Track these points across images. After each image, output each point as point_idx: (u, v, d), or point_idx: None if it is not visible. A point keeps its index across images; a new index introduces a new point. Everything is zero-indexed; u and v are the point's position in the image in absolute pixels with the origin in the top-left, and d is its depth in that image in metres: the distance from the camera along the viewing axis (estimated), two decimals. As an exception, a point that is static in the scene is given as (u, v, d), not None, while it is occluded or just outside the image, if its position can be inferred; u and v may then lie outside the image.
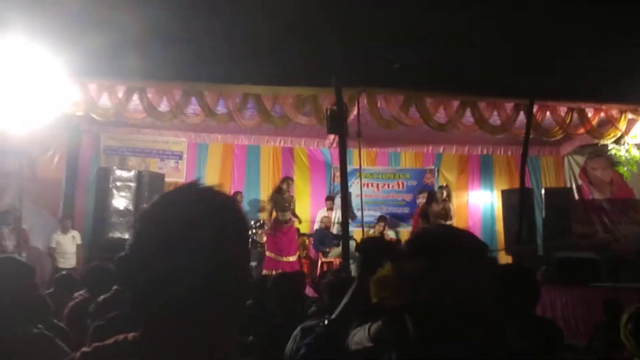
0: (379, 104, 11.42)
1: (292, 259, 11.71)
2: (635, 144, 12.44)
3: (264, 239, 12.38)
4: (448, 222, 12.64)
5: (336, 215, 13.27)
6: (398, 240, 11.95)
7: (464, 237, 1.56)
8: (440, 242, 1.52)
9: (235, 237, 1.24)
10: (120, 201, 12.04)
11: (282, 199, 11.74)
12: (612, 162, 13.84)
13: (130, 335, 1.20)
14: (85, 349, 1.21)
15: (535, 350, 1.59)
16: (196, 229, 1.18)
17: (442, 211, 12.93)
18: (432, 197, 13.53)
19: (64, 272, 7.67)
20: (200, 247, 1.17)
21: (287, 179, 12.23)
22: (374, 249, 1.74)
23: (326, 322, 1.81)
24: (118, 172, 12.37)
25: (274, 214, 11.81)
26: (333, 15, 10.58)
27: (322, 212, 13.81)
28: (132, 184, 12.33)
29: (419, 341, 1.46)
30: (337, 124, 9.55)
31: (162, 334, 1.17)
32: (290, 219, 11.93)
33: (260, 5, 10.29)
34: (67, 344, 3.04)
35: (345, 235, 10.01)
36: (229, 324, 1.24)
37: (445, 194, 13.27)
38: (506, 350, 1.42)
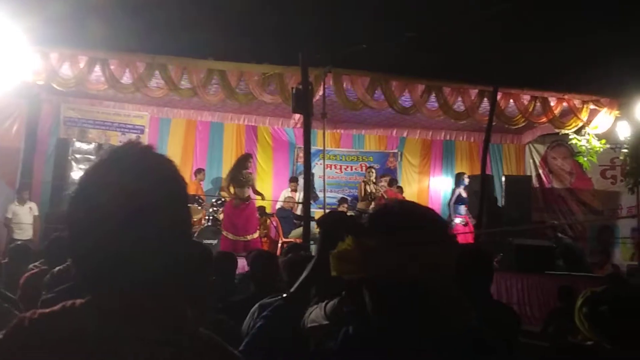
0: (344, 85, 11.41)
1: (250, 237, 11.07)
2: (596, 135, 12.62)
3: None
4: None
5: (299, 196, 13.06)
6: (359, 215, 11.87)
7: (425, 213, 1.55)
8: (401, 217, 1.50)
9: (175, 198, 1.24)
10: (79, 174, 11.76)
11: (241, 175, 11.17)
12: (573, 152, 14.04)
13: (78, 302, 1.17)
14: (28, 313, 1.15)
15: (494, 332, 1.58)
16: (135, 191, 1.17)
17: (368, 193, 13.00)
18: (393, 182, 13.69)
19: (19, 242, 7.55)
20: (139, 210, 1.15)
21: (248, 156, 11.89)
22: (335, 223, 1.72)
23: (284, 295, 1.79)
24: (78, 144, 12.21)
25: (232, 190, 11.20)
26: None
27: (286, 193, 13.78)
28: (92, 157, 12.13)
29: (376, 316, 1.45)
30: (302, 103, 9.46)
31: (105, 300, 1.15)
32: (248, 196, 11.34)
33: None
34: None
35: (306, 216, 9.93)
36: (180, 291, 1.23)
37: (373, 174, 13.27)
38: (464, 327, 1.42)
